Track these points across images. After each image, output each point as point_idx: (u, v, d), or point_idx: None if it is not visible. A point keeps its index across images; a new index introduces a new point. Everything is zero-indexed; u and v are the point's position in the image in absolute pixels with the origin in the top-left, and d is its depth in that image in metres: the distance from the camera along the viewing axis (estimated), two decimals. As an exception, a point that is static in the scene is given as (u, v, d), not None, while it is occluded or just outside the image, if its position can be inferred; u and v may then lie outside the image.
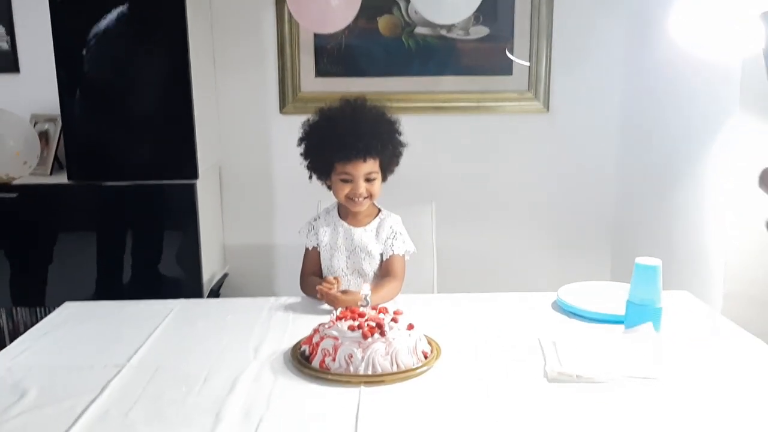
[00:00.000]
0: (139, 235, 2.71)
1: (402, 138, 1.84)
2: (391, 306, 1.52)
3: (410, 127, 1.90)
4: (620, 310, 1.60)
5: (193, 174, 2.59)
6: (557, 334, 1.57)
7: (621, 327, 1.56)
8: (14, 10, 2.88)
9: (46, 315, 1.82)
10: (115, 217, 2.69)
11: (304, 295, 1.89)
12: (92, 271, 2.70)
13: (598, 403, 1.25)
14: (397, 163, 1.86)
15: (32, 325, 1.76)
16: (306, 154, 1.85)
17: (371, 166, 1.79)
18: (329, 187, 1.87)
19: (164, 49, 2.53)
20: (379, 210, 1.91)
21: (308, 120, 1.84)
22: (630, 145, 2.86)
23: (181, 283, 2.68)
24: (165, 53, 2.54)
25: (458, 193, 2.97)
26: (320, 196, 2.17)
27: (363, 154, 1.77)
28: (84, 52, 2.50)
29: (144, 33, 2.51)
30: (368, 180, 1.80)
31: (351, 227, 1.88)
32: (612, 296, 1.75)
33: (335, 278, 1.79)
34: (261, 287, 3.08)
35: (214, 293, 2.77)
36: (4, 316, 2.82)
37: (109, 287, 2.70)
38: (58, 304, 1.85)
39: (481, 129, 2.95)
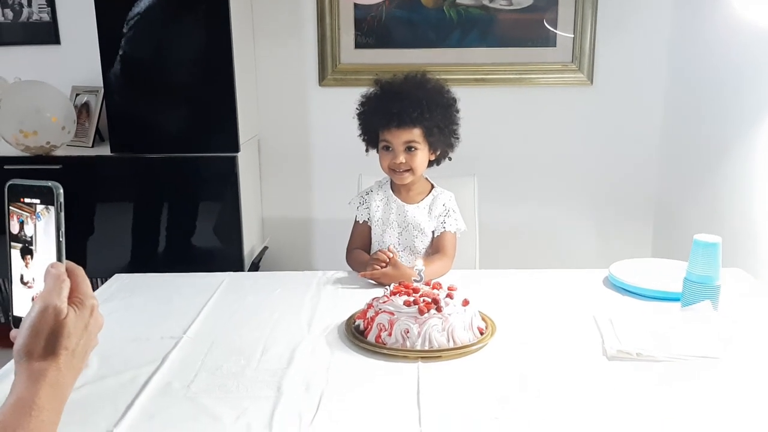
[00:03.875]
0: (179, 208, 2.73)
1: (455, 114, 1.81)
2: (444, 282, 1.52)
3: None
4: (674, 287, 1.58)
5: (235, 147, 2.59)
6: (612, 311, 1.55)
7: (677, 305, 1.54)
8: (54, -19, 2.88)
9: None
10: (156, 189, 2.71)
11: (350, 269, 1.89)
12: (133, 243, 2.73)
13: (659, 381, 1.24)
14: (448, 143, 1.82)
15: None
16: (359, 124, 1.84)
17: (410, 134, 1.76)
18: None
19: (206, 21, 2.52)
20: (433, 186, 1.89)
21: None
22: (676, 117, 2.79)
23: (222, 255, 2.69)
24: (207, 25, 2.52)
25: (499, 165, 2.94)
26: (361, 169, 2.16)
27: (398, 121, 1.74)
28: (126, 24, 2.50)
29: (186, 5, 2.49)
30: (409, 150, 1.78)
31: (404, 204, 1.86)
32: (663, 273, 1.73)
33: (388, 251, 1.72)
34: (300, 260, 3.09)
35: (255, 266, 2.79)
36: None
37: (150, 259, 2.73)
38: (99, 275, 1.86)
39: (524, 101, 2.90)
